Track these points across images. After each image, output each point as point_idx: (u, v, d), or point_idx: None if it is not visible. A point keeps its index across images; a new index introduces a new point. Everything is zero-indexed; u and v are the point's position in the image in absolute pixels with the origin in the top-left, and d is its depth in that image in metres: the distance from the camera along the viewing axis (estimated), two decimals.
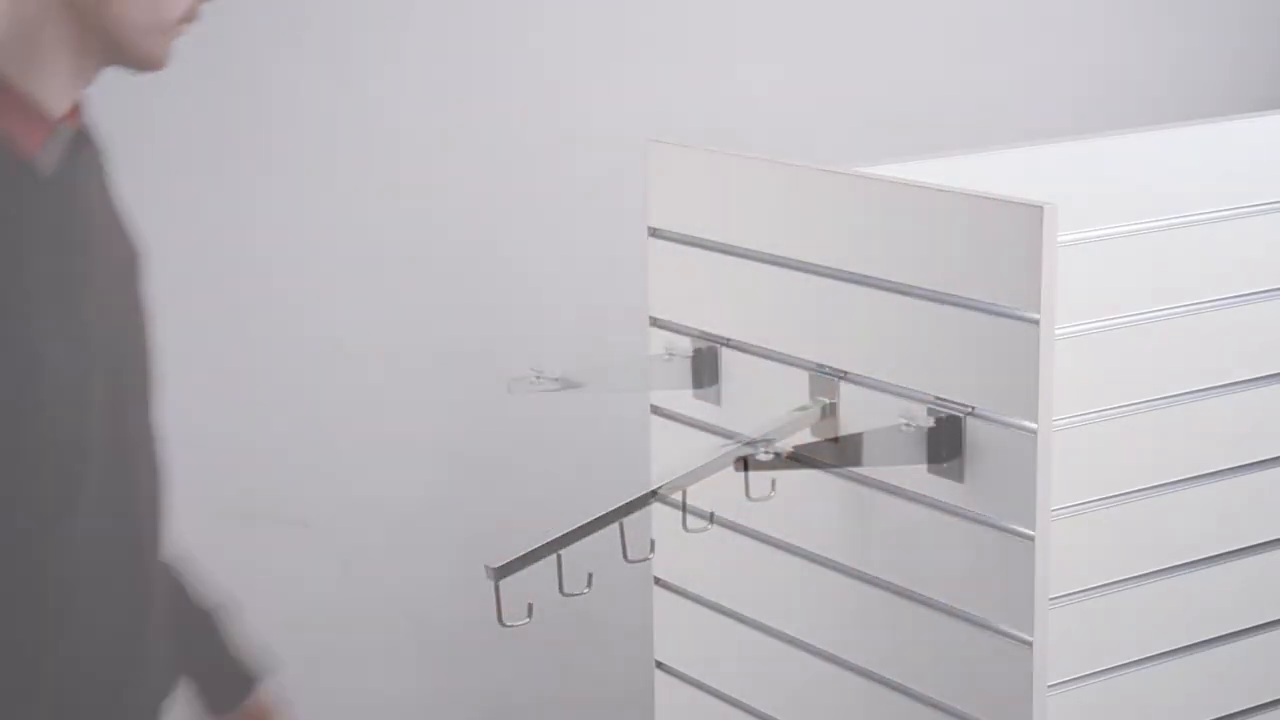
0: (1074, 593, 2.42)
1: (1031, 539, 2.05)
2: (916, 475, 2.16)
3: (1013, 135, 3.77)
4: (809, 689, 2.36)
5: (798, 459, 2.09)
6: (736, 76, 3.71)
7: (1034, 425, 2.03)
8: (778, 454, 2.06)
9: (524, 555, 2.01)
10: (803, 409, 2.25)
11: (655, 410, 2.50)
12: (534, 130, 3.54)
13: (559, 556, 2.04)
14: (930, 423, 2.13)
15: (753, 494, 2.15)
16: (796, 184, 2.26)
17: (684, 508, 2.17)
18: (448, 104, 3.46)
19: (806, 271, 2.26)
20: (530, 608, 2.00)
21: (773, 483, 2.22)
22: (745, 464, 2.09)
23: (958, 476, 2.12)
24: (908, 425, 2.13)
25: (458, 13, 3.46)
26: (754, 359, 2.35)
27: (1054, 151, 2.53)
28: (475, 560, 2.15)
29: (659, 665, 2.60)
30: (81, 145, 1.78)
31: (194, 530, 2.15)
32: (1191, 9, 4.15)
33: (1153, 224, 2.47)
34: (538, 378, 2.32)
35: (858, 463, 2.17)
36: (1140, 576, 2.49)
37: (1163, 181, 2.52)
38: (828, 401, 2.24)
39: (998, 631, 2.10)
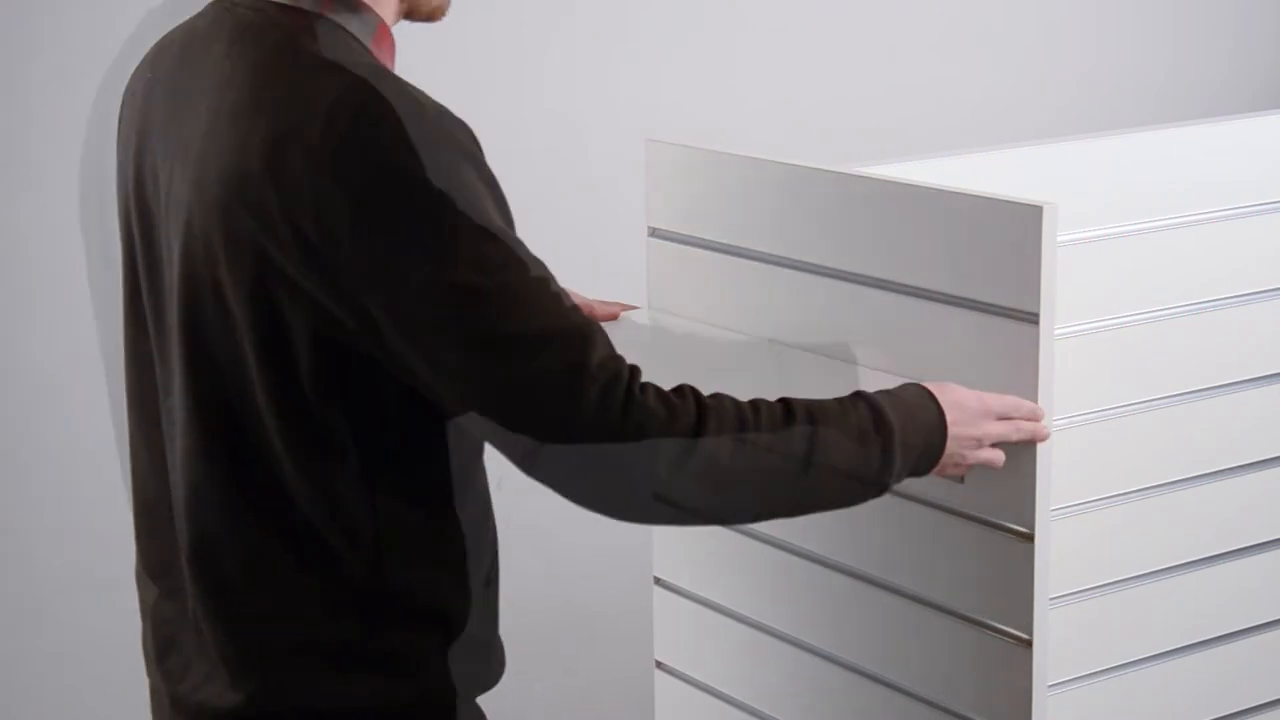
0: (1074, 592, 2.42)
1: (1031, 539, 2.05)
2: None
3: (1013, 135, 3.78)
4: (809, 689, 2.36)
5: None
6: (736, 76, 3.71)
7: None
8: None
9: None
10: None
11: None
12: (534, 130, 3.54)
13: None
14: None
15: None
16: (796, 184, 2.26)
17: None
18: (447, 103, 3.46)
19: (806, 271, 2.26)
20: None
21: None
22: None
23: (958, 477, 2.11)
24: None
25: (456, 12, 3.46)
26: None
27: (1054, 151, 2.53)
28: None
29: (659, 665, 2.60)
30: None
31: None
32: (1190, 9, 4.16)
33: (1153, 224, 2.47)
34: None
35: None
36: (1140, 576, 2.49)
37: (1163, 181, 2.52)
38: None
39: (998, 631, 2.10)
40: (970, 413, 1.92)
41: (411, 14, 1.94)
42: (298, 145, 1.69)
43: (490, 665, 1.93)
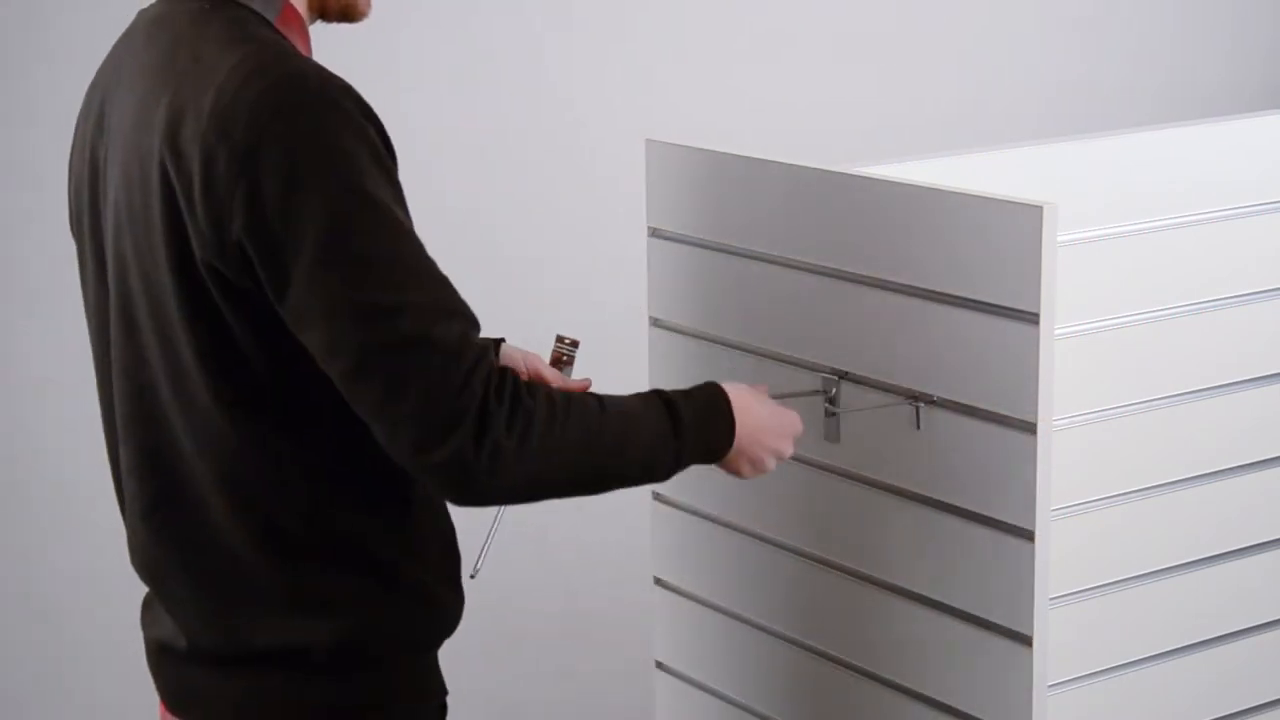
0: (1074, 592, 2.42)
1: (1031, 539, 2.05)
2: (917, 475, 2.17)
3: (1013, 135, 3.78)
4: (809, 689, 2.36)
5: None
6: (736, 76, 3.71)
7: (1034, 425, 2.03)
8: None
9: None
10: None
11: None
12: (534, 130, 3.54)
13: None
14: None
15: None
16: (796, 184, 2.26)
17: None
18: (447, 104, 3.46)
19: (806, 271, 2.26)
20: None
21: None
22: None
23: (953, 474, 2.12)
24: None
25: (457, 13, 3.46)
26: (755, 359, 2.35)
27: (1054, 151, 2.53)
28: (472, 562, 2.15)
29: (659, 665, 2.60)
30: None
31: None
32: (1190, 9, 4.16)
33: (1153, 224, 2.47)
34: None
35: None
36: (1140, 576, 2.49)
37: (1163, 181, 2.52)
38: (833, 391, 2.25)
39: (998, 631, 2.10)
40: (765, 427, 2.02)
41: (325, 13, 1.98)
42: (192, 116, 1.78)
43: (434, 620, 1.96)
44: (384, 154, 1.80)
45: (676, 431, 1.92)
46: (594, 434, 1.84)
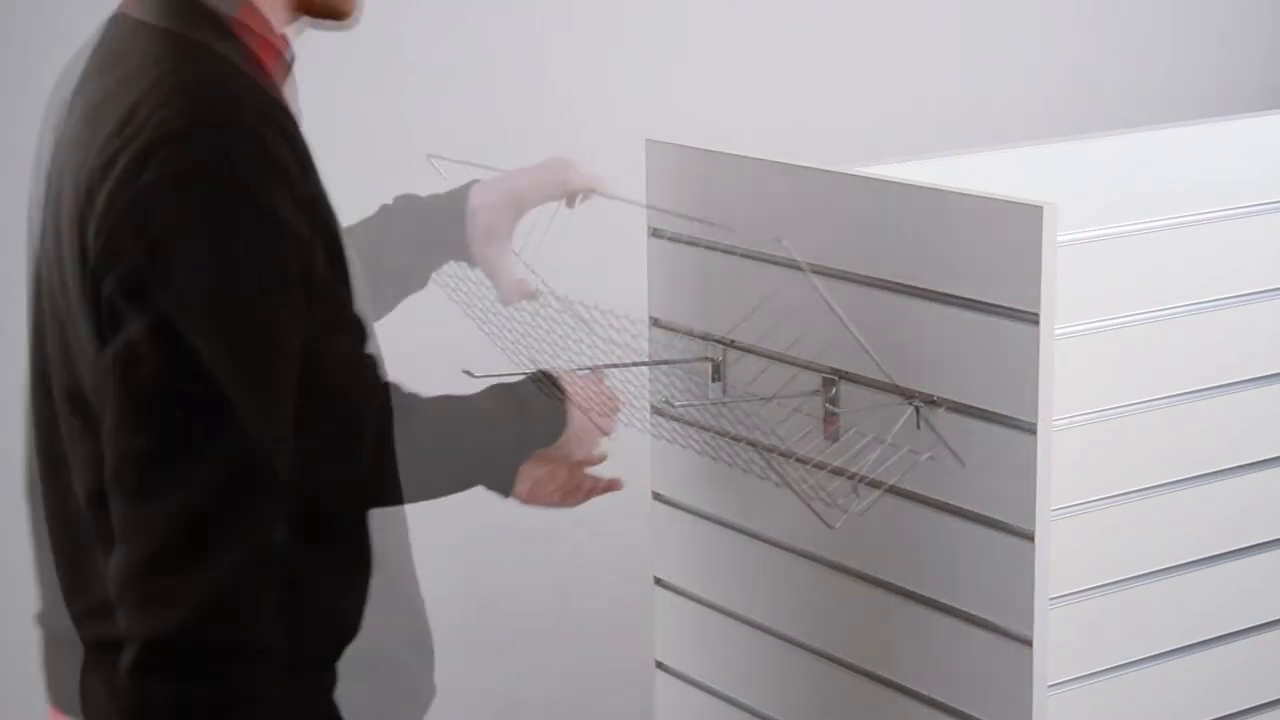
0: (1074, 592, 2.42)
1: (1031, 539, 2.05)
2: (916, 474, 2.17)
3: (1013, 135, 3.78)
4: (809, 689, 2.36)
5: None
6: (736, 76, 3.71)
7: (1034, 425, 2.03)
8: None
9: None
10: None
11: (655, 410, 2.50)
12: (534, 130, 3.54)
13: None
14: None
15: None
16: (796, 184, 2.26)
17: None
18: (446, 104, 3.46)
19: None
20: None
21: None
22: None
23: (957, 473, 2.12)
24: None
25: (457, 13, 3.46)
26: (756, 359, 2.35)
27: (1054, 151, 2.53)
28: (473, 562, 2.15)
29: (659, 665, 2.60)
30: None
31: None
32: (1189, 9, 4.16)
33: (1153, 224, 2.47)
34: None
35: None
36: (1140, 576, 2.49)
37: (1163, 181, 2.52)
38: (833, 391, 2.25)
39: (998, 631, 2.10)
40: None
41: (310, 8, 1.89)
42: (87, 179, 1.73)
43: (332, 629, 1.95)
44: (290, 221, 1.68)
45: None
46: None
